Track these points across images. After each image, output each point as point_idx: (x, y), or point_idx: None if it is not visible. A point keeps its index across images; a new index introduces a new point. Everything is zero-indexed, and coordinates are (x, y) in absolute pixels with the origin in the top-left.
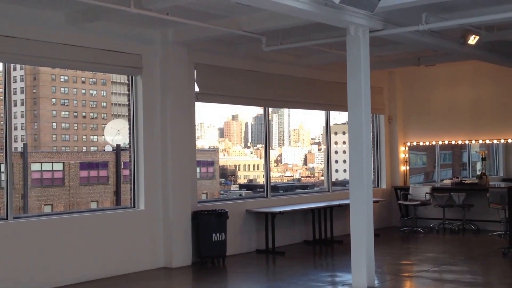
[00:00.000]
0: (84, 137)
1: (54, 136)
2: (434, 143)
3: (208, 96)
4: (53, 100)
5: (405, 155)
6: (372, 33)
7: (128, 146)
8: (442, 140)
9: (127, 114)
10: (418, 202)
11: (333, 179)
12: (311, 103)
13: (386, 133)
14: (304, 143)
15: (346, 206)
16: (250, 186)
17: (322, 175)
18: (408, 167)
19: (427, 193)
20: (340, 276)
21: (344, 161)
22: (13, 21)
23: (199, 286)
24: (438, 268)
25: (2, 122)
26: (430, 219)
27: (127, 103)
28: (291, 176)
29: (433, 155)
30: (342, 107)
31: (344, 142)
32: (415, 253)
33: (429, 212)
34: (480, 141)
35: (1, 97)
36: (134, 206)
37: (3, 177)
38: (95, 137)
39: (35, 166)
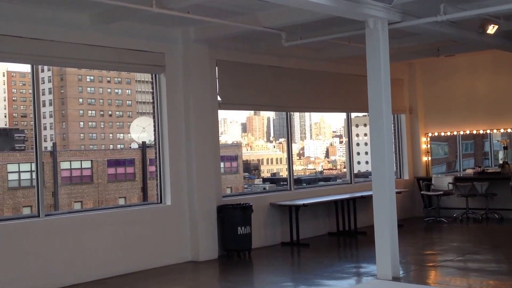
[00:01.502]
0: (110, 135)
1: (81, 135)
2: (455, 133)
3: (230, 105)
4: (80, 100)
5: (427, 145)
6: (390, 25)
7: (153, 143)
8: (463, 130)
9: (152, 111)
10: (441, 192)
11: (355, 171)
12: (332, 107)
13: (407, 124)
14: (325, 136)
15: (369, 197)
16: (274, 180)
17: (344, 167)
18: (430, 158)
19: (449, 183)
20: (365, 267)
21: (366, 153)
22: (40, 23)
23: (226, 279)
24: (463, 257)
25: (32, 122)
26: (453, 209)
27: (151, 101)
28: (314, 169)
29: (454, 145)
30: (362, 108)
31: (365, 134)
32: (439, 243)
33: (452, 202)
34: (502, 130)
35: (30, 98)
36: (160, 202)
37: (34, 176)
38: (121, 135)
39: (64, 165)
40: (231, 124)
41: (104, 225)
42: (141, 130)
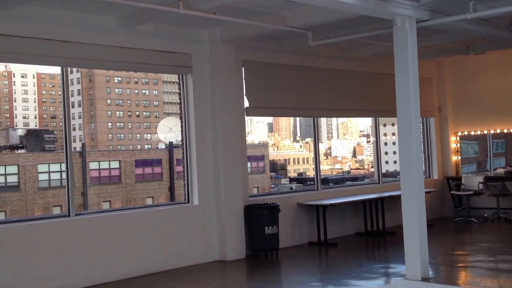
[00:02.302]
0: (138, 135)
1: (110, 135)
2: (485, 132)
3: (257, 109)
4: (108, 101)
5: (457, 144)
6: (419, 23)
7: (180, 143)
8: (494, 128)
9: (179, 112)
10: (471, 192)
11: (383, 171)
12: (359, 109)
13: (436, 123)
14: (352, 135)
15: (398, 197)
16: (300, 179)
17: (372, 167)
18: (460, 157)
19: (480, 182)
20: (394, 267)
21: (394, 152)
22: (69, 26)
23: (253, 279)
24: (493, 258)
25: (61, 123)
26: (484, 208)
27: (178, 101)
28: (341, 168)
29: (485, 144)
30: (390, 109)
31: (393, 134)
32: (469, 243)
33: (482, 201)
34: None
35: (60, 100)
36: (188, 202)
37: (63, 176)
38: (149, 135)
39: (93, 165)
40: (258, 124)
41: (132, 225)
42: (168, 130)
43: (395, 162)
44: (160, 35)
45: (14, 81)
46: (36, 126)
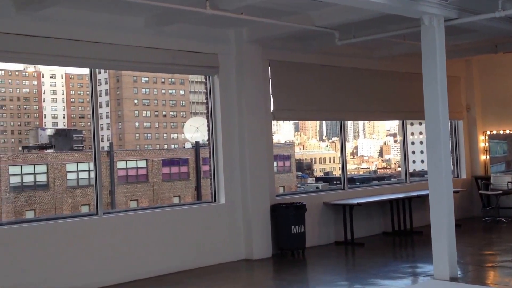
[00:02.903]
0: (165, 135)
1: (137, 135)
2: None
3: (283, 111)
4: (135, 101)
5: (485, 144)
6: (447, 22)
7: (207, 142)
8: None
9: (205, 111)
10: (500, 192)
11: (411, 170)
12: (386, 110)
13: (464, 122)
14: (379, 135)
15: (425, 197)
16: (327, 179)
17: (399, 166)
18: (488, 156)
19: (509, 182)
20: (421, 267)
21: (422, 152)
22: (98, 27)
23: (280, 278)
24: None
25: (89, 123)
26: None
27: (205, 101)
28: (367, 168)
29: None
30: (417, 109)
31: (420, 133)
32: (498, 243)
33: (511, 201)
34: None
35: (88, 100)
36: (214, 201)
37: (91, 175)
38: (175, 134)
39: (120, 164)
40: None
41: (160, 223)
42: (195, 130)
43: (422, 161)
44: (187, 35)
45: (43, 82)
46: (64, 126)
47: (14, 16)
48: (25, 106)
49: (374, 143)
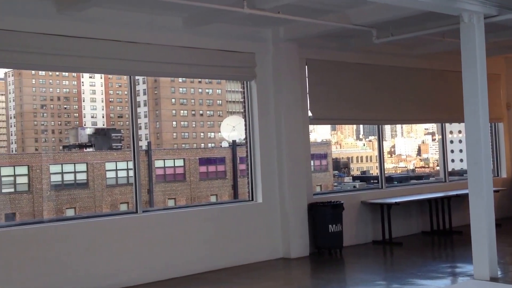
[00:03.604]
0: (202, 134)
1: (174, 134)
2: None
3: (321, 116)
4: (173, 100)
5: None
6: (486, 19)
7: (243, 141)
8: None
9: (242, 110)
10: None
11: (449, 169)
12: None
13: (504, 120)
14: (417, 133)
15: (465, 196)
16: (364, 178)
17: (437, 165)
18: None
19: None
20: (461, 267)
21: (461, 151)
22: (137, 28)
23: (318, 276)
24: None
25: (127, 123)
26: None
27: (242, 100)
28: (405, 167)
29: None
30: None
31: (459, 131)
32: None
33: None
34: None
35: (126, 99)
36: (252, 199)
37: (130, 173)
38: (212, 133)
39: (158, 163)
40: None
41: (198, 222)
42: (231, 129)
43: (461, 160)
44: (225, 35)
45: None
46: (103, 125)
47: (55, 17)
48: (65, 106)
49: (412, 142)
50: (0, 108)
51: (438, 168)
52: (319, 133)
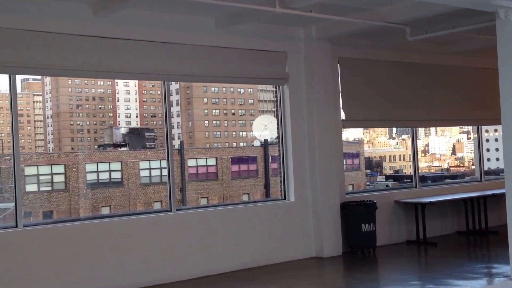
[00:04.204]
0: (234, 133)
1: (206, 133)
2: None
3: (354, 122)
4: (205, 100)
5: None
6: None
7: (275, 140)
8: None
9: (274, 109)
10: None
11: (485, 168)
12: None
13: None
14: (451, 132)
15: (501, 195)
16: (397, 177)
17: (472, 165)
18: None
19: None
20: (497, 267)
21: (497, 149)
22: (170, 28)
23: (351, 275)
24: None
25: (160, 122)
26: None
27: (273, 99)
28: (439, 166)
29: None
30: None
31: (495, 130)
32: None
33: None
34: None
35: (159, 99)
36: (284, 198)
37: (163, 172)
38: (244, 132)
39: (191, 162)
40: None
41: (231, 220)
42: (263, 128)
43: (497, 159)
44: (256, 34)
45: (116, 82)
46: (137, 124)
47: (92, 18)
48: (100, 106)
49: (446, 140)
50: (37, 108)
51: (473, 167)
52: (351, 132)
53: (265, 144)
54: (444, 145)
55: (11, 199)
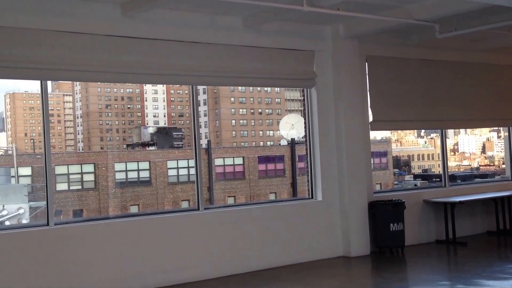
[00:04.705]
0: (260, 132)
1: (233, 132)
2: None
3: (382, 123)
4: (232, 99)
5: None
6: None
7: (302, 139)
8: None
9: (300, 108)
10: None
11: None
12: (496, 118)
13: None
14: (481, 130)
15: None
16: (425, 176)
17: (503, 163)
18: None
19: None
20: None
21: None
22: (198, 28)
23: (379, 275)
24: None
25: (188, 121)
26: None
27: (300, 98)
28: (469, 165)
29: None
30: None
31: None
32: None
33: None
34: None
35: (187, 99)
36: (312, 197)
37: (191, 171)
38: (271, 132)
39: (218, 161)
40: None
41: (258, 219)
42: (290, 127)
43: None
44: (283, 33)
45: None
46: (165, 124)
47: (121, 19)
48: (128, 106)
49: (476, 139)
50: (67, 108)
51: (503, 166)
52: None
53: (292, 143)
54: (474, 144)
55: (42, 197)
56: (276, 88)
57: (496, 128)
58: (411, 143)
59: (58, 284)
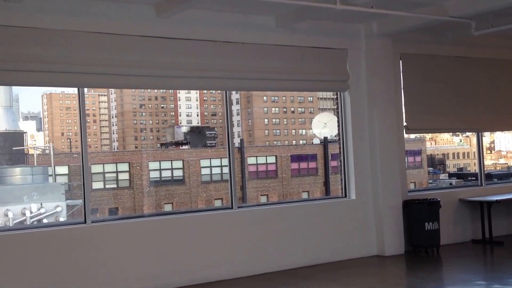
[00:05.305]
0: (293, 131)
1: (266, 131)
2: None
3: (417, 123)
4: (264, 98)
5: None
6: None
7: (335, 138)
8: None
9: (333, 107)
10: None
11: None
12: None
13: None
14: None
15: None
16: (461, 175)
17: None
18: None
19: None
20: None
21: None
22: (231, 27)
23: (414, 275)
24: None
25: (221, 120)
26: None
27: (333, 96)
28: (505, 163)
29: None
30: None
31: None
32: None
33: None
34: None
35: (219, 98)
36: (345, 196)
37: (224, 170)
38: (303, 130)
39: (251, 160)
40: None
41: (292, 218)
42: (323, 126)
43: None
44: (317, 31)
45: None
46: (198, 123)
47: (154, 19)
48: (162, 105)
49: None
50: (103, 108)
51: None
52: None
53: (325, 142)
54: (511, 142)
55: (79, 196)
56: None
57: None
58: (446, 141)
59: (95, 280)
